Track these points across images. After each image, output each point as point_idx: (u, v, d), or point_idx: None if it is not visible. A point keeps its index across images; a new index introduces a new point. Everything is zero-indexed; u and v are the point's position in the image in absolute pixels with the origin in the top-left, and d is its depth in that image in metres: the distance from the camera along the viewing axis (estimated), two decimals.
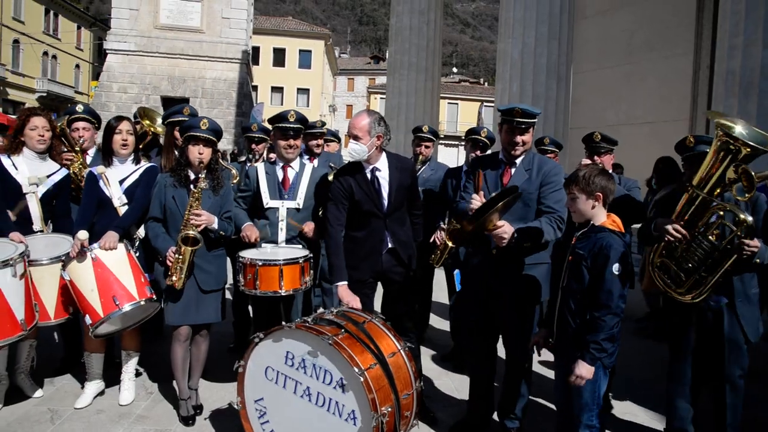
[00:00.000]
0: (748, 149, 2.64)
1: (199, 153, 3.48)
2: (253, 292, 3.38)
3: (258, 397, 2.90)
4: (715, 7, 11.45)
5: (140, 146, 4.79)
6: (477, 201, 3.03)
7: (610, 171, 4.08)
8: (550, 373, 3.85)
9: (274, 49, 44.59)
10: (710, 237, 2.93)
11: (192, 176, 3.55)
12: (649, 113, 15.26)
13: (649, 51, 15.77)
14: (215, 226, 3.49)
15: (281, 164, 3.83)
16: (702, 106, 14.40)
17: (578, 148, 5.08)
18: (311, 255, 3.54)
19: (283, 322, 2.96)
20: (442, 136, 29.60)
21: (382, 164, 3.49)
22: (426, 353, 4.98)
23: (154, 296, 3.52)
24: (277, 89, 44.73)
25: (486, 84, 56.60)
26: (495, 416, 3.52)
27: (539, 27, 12.17)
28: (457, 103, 47.83)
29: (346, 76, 55.87)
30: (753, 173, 2.42)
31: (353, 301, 3.25)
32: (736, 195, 2.67)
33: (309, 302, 3.92)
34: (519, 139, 3.20)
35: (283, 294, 3.36)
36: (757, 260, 2.85)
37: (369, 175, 3.46)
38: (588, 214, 2.70)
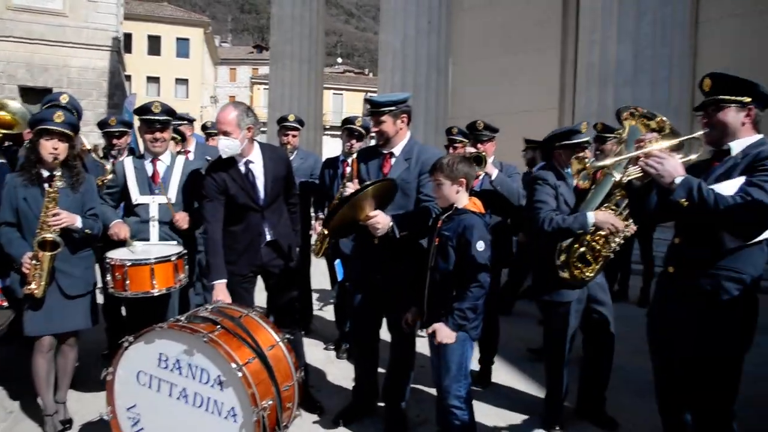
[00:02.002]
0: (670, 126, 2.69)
1: (53, 148, 3.18)
2: (123, 294, 3.20)
3: (130, 404, 2.75)
4: (577, 4, 12.36)
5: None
6: (351, 187, 3.06)
7: (492, 158, 4.29)
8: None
9: (149, 37, 41.92)
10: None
11: (45, 174, 3.25)
12: (523, 103, 16.19)
13: (522, 44, 16.69)
14: (78, 225, 3.23)
15: (150, 158, 3.64)
16: (569, 97, 15.50)
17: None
18: (185, 251, 3.40)
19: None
20: (327, 126, 29.60)
21: (255, 156, 3.42)
22: (312, 343, 4.98)
23: (4, 303, 3.20)
24: (153, 79, 42.18)
25: (371, 75, 57.07)
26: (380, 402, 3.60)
27: (419, 19, 12.51)
28: (341, 94, 47.87)
29: (228, 65, 53.88)
30: (588, 163, 2.66)
31: (228, 300, 3.20)
32: (581, 181, 2.92)
33: (186, 300, 3.77)
34: (373, 129, 3.29)
35: (156, 294, 3.21)
36: None
37: (243, 168, 3.38)
38: (452, 199, 2.86)
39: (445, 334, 2.75)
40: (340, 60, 66.86)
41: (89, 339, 4.41)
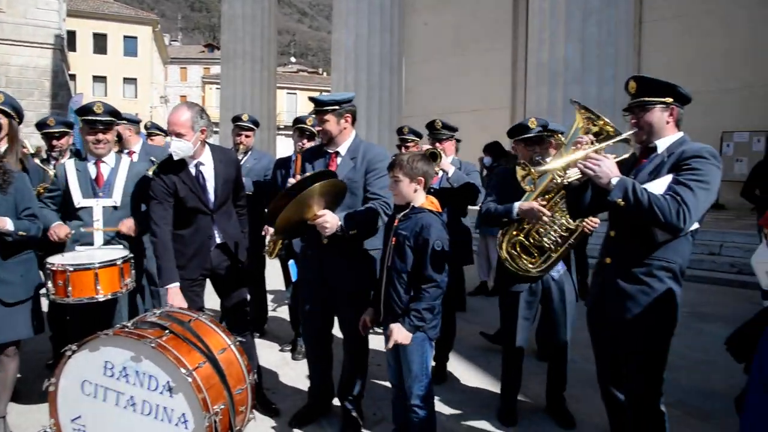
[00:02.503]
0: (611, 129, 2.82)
1: None
2: (65, 300, 3.06)
3: (75, 415, 2.64)
4: (527, 4, 12.62)
5: None
6: (293, 182, 3.04)
7: (453, 156, 4.34)
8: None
9: (94, 35, 40.50)
10: (563, 217, 3.28)
11: None
12: (475, 102, 16.44)
13: (473, 44, 16.97)
14: (9, 227, 3.05)
15: (93, 160, 3.52)
16: (520, 95, 15.83)
17: None
18: (132, 255, 3.30)
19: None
20: (281, 126, 29.29)
21: (206, 158, 3.36)
22: (267, 345, 4.93)
23: None
24: (100, 78, 40.76)
25: (325, 74, 56.78)
26: (336, 400, 3.58)
27: (371, 18, 12.52)
28: (295, 93, 47.48)
29: (179, 65, 52.67)
30: (534, 169, 2.71)
31: (183, 304, 3.12)
32: (526, 185, 2.98)
33: (135, 306, 3.66)
34: (317, 128, 3.29)
35: (101, 299, 3.09)
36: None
37: (193, 171, 3.32)
38: (410, 197, 2.84)
39: (402, 335, 2.74)
40: (293, 59, 66.34)
41: (33, 348, 4.25)
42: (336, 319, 3.43)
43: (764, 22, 11.91)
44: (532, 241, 3.36)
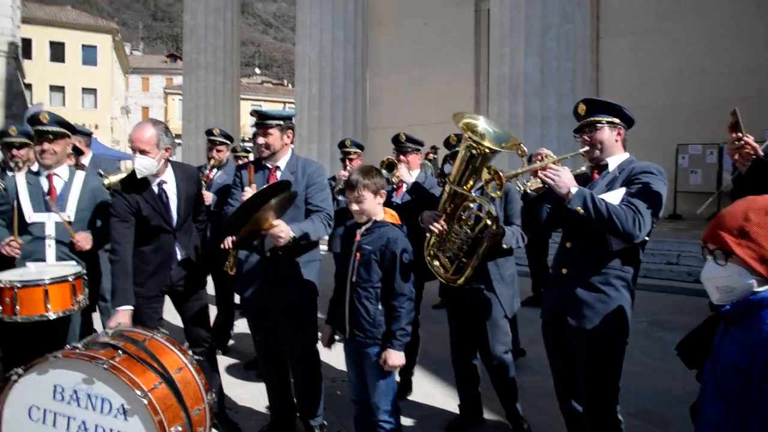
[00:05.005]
0: (487, 149, 3.05)
1: None
2: (13, 318, 2.94)
3: None
4: (489, 18, 12.82)
5: None
6: (249, 192, 3.02)
7: (418, 169, 4.34)
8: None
9: (51, 43, 39.38)
10: (465, 227, 3.27)
11: None
12: (439, 114, 16.54)
13: (435, 57, 17.16)
14: None
15: (45, 173, 3.40)
16: (484, 107, 16.05)
17: (380, 148, 5.33)
18: (84, 271, 3.19)
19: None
20: (246, 138, 29.01)
21: (168, 176, 3.32)
22: (231, 362, 4.83)
23: None
24: (57, 88, 39.57)
25: (290, 86, 56.64)
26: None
27: (335, 31, 12.55)
28: (260, 105, 47.23)
29: (140, 75, 51.82)
30: (502, 173, 2.72)
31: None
32: (491, 192, 3.00)
33: (90, 324, 3.53)
34: (260, 140, 3.27)
35: (51, 317, 2.98)
36: (505, 245, 3.25)
37: (156, 189, 3.26)
38: (376, 212, 2.83)
39: (397, 358, 2.72)
40: (258, 71, 66.01)
41: None
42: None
43: (713, 39, 12.38)
44: (444, 247, 3.36)
